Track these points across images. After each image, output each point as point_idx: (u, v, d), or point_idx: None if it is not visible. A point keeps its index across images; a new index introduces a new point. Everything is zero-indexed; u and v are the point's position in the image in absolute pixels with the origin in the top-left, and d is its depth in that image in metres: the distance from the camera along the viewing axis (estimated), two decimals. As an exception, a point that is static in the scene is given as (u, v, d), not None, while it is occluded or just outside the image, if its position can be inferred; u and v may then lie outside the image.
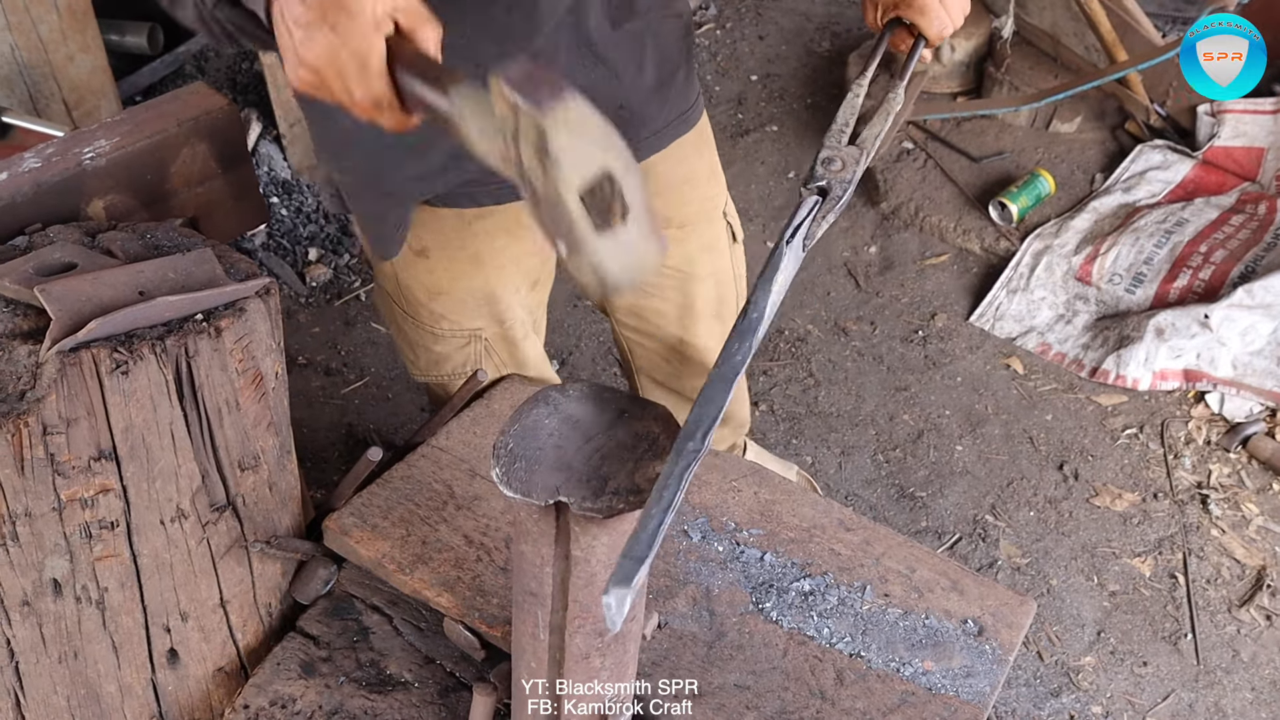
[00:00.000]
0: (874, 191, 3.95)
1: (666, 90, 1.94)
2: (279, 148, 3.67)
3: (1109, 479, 3.07)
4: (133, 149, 1.74)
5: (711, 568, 1.71)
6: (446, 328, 2.02)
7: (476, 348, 2.06)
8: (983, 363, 3.41)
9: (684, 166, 2.04)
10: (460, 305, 1.99)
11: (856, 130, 1.51)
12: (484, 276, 1.96)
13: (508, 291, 2.01)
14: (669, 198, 2.04)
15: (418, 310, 2.01)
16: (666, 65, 1.91)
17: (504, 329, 2.06)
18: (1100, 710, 2.58)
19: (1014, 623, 1.71)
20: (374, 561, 1.68)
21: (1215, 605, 2.79)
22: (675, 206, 2.06)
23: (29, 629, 1.52)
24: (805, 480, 2.86)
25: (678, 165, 2.02)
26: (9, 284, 1.44)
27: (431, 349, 2.07)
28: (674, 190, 2.04)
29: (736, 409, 2.55)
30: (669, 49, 1.91)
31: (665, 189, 2.03)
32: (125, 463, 1.44)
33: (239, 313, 1.47)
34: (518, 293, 2.04)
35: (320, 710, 1.62)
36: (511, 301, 2.03)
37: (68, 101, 3.33)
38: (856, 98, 1.57)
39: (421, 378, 2.16)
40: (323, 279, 3.56)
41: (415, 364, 2.14)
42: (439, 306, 2.00)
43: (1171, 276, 3.45)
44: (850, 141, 1.49)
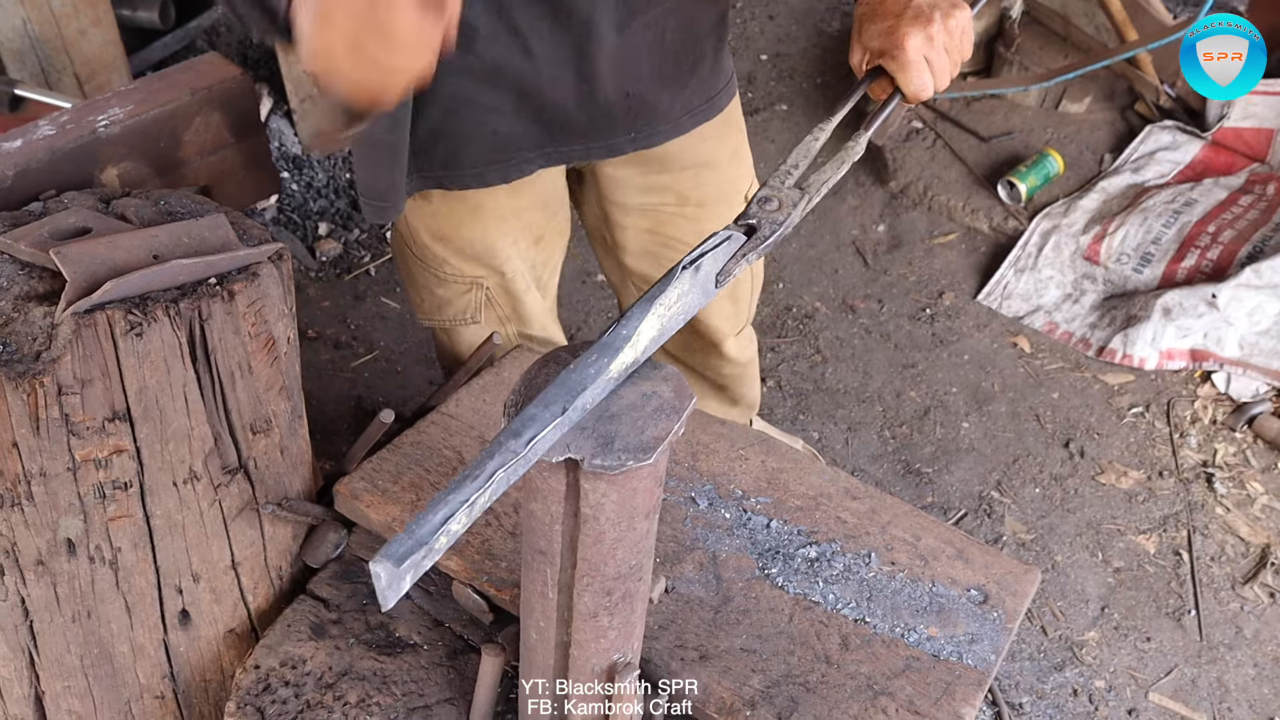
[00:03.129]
0: (883, 170, 3.95)
1: (685, 78, 1.92)
2: (289, 122, 3.68)
3: (1115, 457, 3.08)
4: (146, 117, 1.75)
5: (718, 534, 1.73)
6: (449, 272, 2.04)
7: (478, 295, 2.08)
8: (990, 341, 3.42)
9: (704, 150, 2.03)
10: (460, 252, 2.01)
11: (807, 173, 1.43)
12: (482, 226, 1.97)
13: (506, 243, 2.02)
14: (684, 178, 2.04)
15: (424, 252, 2.04)
16: (687, 55, 1.90)
17: (505, 280, 2.07)
18: (1103, 684, 2.59)
19: (1019, 591, 1.72)
20: (384, 525, 1.69)
21: (1219, 582, 2.80)
22: (691, 187, 2.06)
23: (43, 588, 1.53)
24: (811, 455, 2.88)
25: (697, 147, 2.02)
26: (24, 247, 1.45)
27: (435, 292, 2.09)
28: (689, 171, 2.04)
29: (746, 391, 2.57)
30: (693, 37, 1.89)
31: (680, 170, 2.03)
32: (139, 424, 1.46)
33: (252, 277, 1.48)
34: (516, 244, 2.04)
35: (330, 671, 1.64)
36: (511, 254, 2.04)
37: (79, 75, 3.34)
38: (815, 140, 1.48)
39: (426, 321, 2.19)
40: (333, 253, 3.57)
41: (421, 307, 2.17)
42: (441, 251, 2.02)
43: (1179, 256, 3.45)
44: (797, 184, 1.40)
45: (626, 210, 2.08)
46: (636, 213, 2.08)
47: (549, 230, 2.10)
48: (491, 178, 1.89)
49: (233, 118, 1.85)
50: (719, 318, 2.30)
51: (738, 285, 2.26)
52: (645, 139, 1.93)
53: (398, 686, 1.63)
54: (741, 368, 2.47)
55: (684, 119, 1.96)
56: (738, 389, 2.53)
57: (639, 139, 1.92)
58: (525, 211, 2.00)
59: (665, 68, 1.87)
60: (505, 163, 1.88)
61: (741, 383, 2.52)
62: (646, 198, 2.05)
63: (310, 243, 3.59)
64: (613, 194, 2.06)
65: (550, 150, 1.89)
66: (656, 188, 2.04)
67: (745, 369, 2.49)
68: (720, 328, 2.32)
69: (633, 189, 2.04)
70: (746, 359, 2.47)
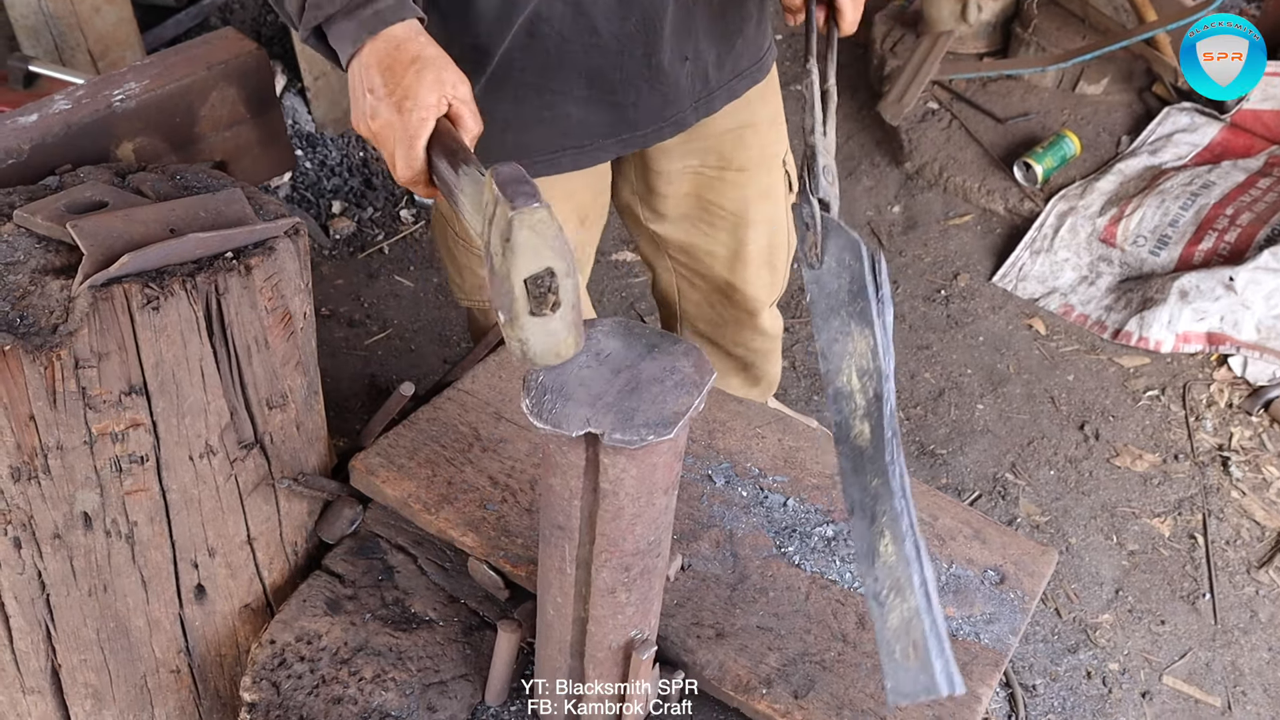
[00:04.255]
0: (898, 151, 3.93)
1: (733, 38, 1.93)
2: (304, 100, 3.67)
3: (1130, 440, 3.07)
4: (162, 92, 1.74)
5: (735, 512, 1.72)
6: None
7: None
8: (1005, 323, 3.40)
9: (746, 112, 2.04)
10: None
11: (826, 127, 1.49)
12: None
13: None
14: (727, 141, 2.06)
15: (468, 231, 2.03)
16: (734, 12, 1.91)
17: None
18: (1117, 667, 2.59)
19: (1035, 572, 1.71)
20: (400, 501, 1.69)
21: (1234, 566, 2.79)
22: (733, 150, 2.07)
23: (60, 561, 1.54)
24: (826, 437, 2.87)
25: (740, 111, 2.03)
26: (41, 221, 1.45)
27: (477, 272, 2.09)
28: (732, 134, 2.05)
29: (769, 368, 2.57)
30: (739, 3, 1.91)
31: (724, 132, 2.04)
32: (155, 398, 1.46)
33: (268, 251, 1.48)
34: (565, 225, 2.03)
35: (345, 646, 1.64)
36: None
37: (93, 52, 3.34)
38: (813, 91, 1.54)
39: (465, 301, 2.19)
40: (346, 232, 3.57)
41: (461, 287, 2.16)
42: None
43: (1197, 239, 3.43)
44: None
45: (669, 178, 2.10)
46: (679, 178, 2.10)
47: (593, 211, 2.11)
48: (565, 164, 1.90)
49: (248, 93, 1.84)
50: (757, 286, 2.30)
51: (775, 253, 2.28)
52: (705, 106, 1.95)
53: (413, 662, 1.63)
54: (772, 341, 2.49)
55: (735, 82, 1.98)
56: (763, 366, 2.54)
57: (700, 108, 1.94)
58: (577, 193, 2.01)
59: (715, 27, 1.89)
60: (578, 149, 1.89)
61: (768, 360, 2.54)
62: (688, 161, 2.07)
63: (324, 221, 3.58)
64: (656, 163, 2.08)
65: (626, 137, 1.91)
66: (699, 150, 2.05)
67: (774, 343, 2.51)
68: (758, 297, 2.33)
69: (676, 154, 2.06)
70: (777, 331, 2.49)
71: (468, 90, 1.42)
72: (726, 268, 2.25)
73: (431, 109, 1.37)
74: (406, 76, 1.38)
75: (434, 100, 1.37)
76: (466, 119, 1.41)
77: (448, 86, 1.39)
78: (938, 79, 4.02)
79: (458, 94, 1.40)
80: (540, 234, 1.16)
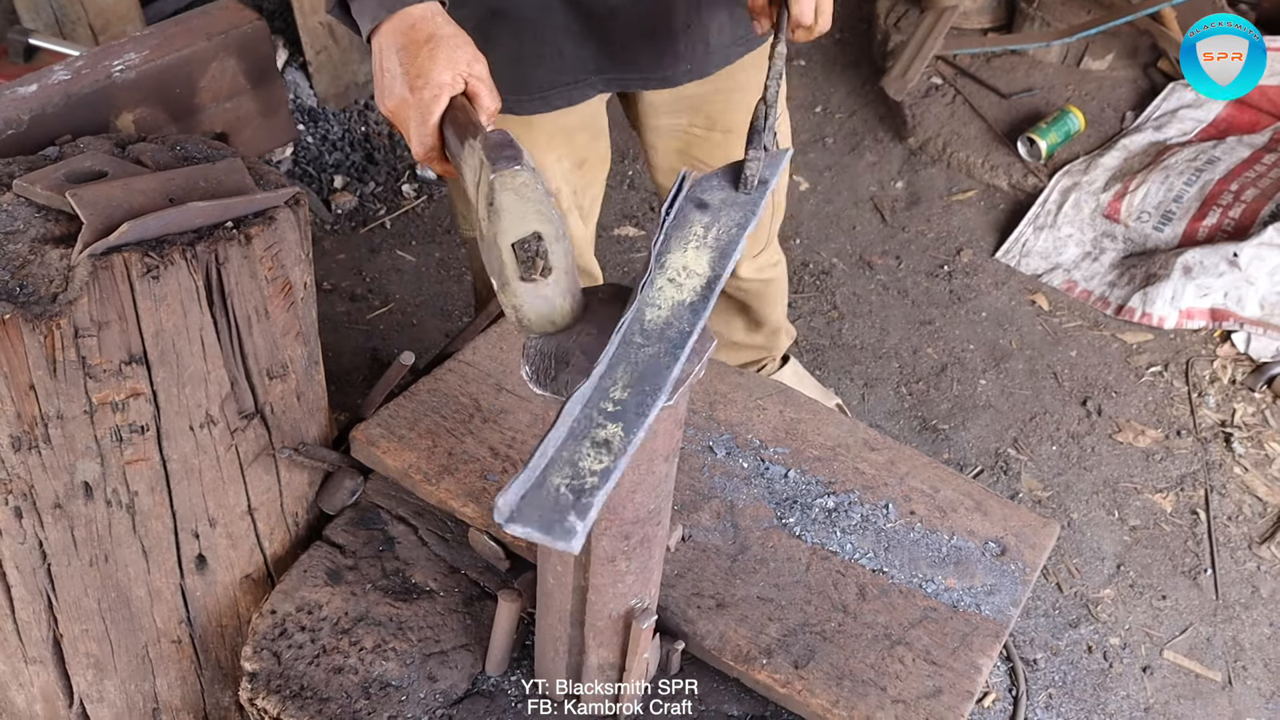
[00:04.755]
0: (902, 127, 3.92)
1: (734, 9, 1.96)
2: (305, 75, 3.65)
3: (1132, 415, 3.07)
4: (162, 63, 1.73)
5: (736, 483, 1.72)
6: None
7: None
8: (1008, 298, 3.39)
9: (740, 77, 2.07)
10: None
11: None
12: (532, 141, 2.01)
13: (552, 159, 2.07)
14: (716, 102, 2.09)
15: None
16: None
17: None
18: (1118, 642, 2.59)
19: (1037, 544, 1.71)
20: (400, 472, 1.69)
21: (1236, 542, 2.79)
22: (721, 112, 2.11)
23: (60, 531, 1.54)
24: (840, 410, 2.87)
25: (732, 75, 2.06)
26: (41, 190, 1.44)
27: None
28: (723, 95, 2.08)
29: (770, 311, 2.62)
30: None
31: (715, 94, 2.07)
32: (155, 367, 1.45)
33: (269, 221, 1.47)
34: (561, 163, 2.10)
35: (346, 616, 1.64)
36: (554, 171, 2.09)
37: (93, 26, 3.32)
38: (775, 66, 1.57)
39: (469, 232, 2.25)
40: (348, 206, 3.56)
41: (466, 217, 2.22)
42: None
43: (1201, 214, 3.42)
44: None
45: (659, 133, 2.16)
46: (668, 135, 2.16)
47: (591, 155, 2.16)
48: (557, 101, 1.96)
49: (249, 64, 1.84)
50: None
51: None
52: (699, 69, 1.99)
53: (413, 632, 1.63)
54: (761, 284, 2.53)
55: (732, 48, 2.01)
56: (761, 309, 2.59)
57: (694, 70, 1.99)
58: (574, 132, 2.07)
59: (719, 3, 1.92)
60: (569, 86, 1.95)
61: (764, 301, 2.58)
62: (677, 119, 2.13)
63: (325, 196, 3.57)
64: (647, 118, 2.14)
65: (611, 76, 1.97)
66: (687, 109, 2.10)
67: (766, 286, 2.55)
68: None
69: (665, 112, 2.11)
70: (766, 277, 2.53)
71: (483, 67, 1.43)
72: None
73: (445, 87, 1.39)
74: (420, 56, 1.40)
75: (447, 79, 1.39)
76: (483, 96, 1.43)
77: (462, 65, 1.41)
78: (941, 54, 4.00)
79: (473, 71, 1.42)
80: (524, 196, 1.16)
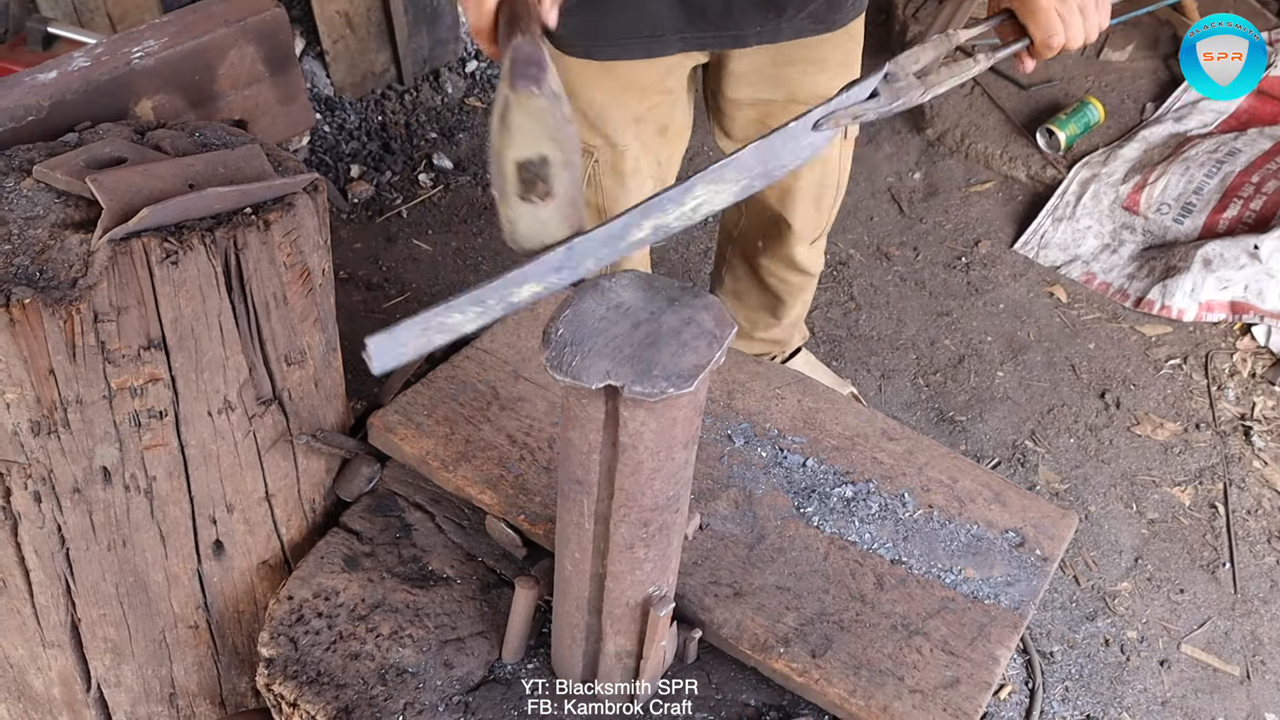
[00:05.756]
0: (919, 117, 3.90)
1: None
2: (322, 64, 3.65)
3: (1151, 408, 3.05)
4: (181, 49, 1.73)
5: (754, 472, 1.72)
6: None
7: (587, 164, 2.12)
8: (1026, 290, 3.38)
9: (820, 49, 2.08)
10: (579, 111, 2.04)
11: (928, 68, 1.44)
12: (608, 89, 2.04)
13: (626, 115, 2.08)
14: (794, 74, 2.10)
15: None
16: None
17: (615, 154, 2.12)
18: (1135, 635, 2.58)
19: (1055, 535, 1.70)
20: (418, 459, 1.69)
21: (1255, 536, 2.78)
22: (799, 84, 2.12)
23: (79, 516, 1.54)
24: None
25: (812, 49, 2.07)
26: (61, 176, 1.45)
27: None
28: (794, 66, 2.09)
29: (794, 305, 2.63)
30: None
31: (787, 64, 2.09)
32: (174, 353, 1.46)
33: (287, 207, 1.47)
34: (644, 127, 2.12)
35: (363, 603, 1.64)
36: (627, 129, 2.10)
37: (111, 15, 3.33)
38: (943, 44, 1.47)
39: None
40: (365, 195, 3.56)
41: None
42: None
43: (1221, 207, 3.40)
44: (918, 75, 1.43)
45: (739, 104, 2.18)
46: (748, 106, 2.17)
47: (673, 122, 2.17)
48: (637, 50, 1.99)
49: (267, 51, 1.84)
50: (802, 221, 2.38)
51: (823, 192, 2.35)
52: (770, 34, 2.01)
53: (430, 619, 1.63)
54: (806, 279, 2.57)
55: (806, 23, 2.02)
56: (791, 301, 2.61)
57: (764, 33, 2.00)
58: (651, 91, 2.08)
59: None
60: (650, 38, 1.98)
61: (797, 296, 2.61)
62: (758, 91, 2.14)
63: (342, 185, 3.57)
64: (728, 90, 2.16)
65: (689, 35, 1.99)
66: (770, 80, 2.12)
67: (808, 282, 2.59)
68: (800, 232, 2.41)
69: (748, 84, 2.13)
70: (813, 270, 2.56)
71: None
72: (776, 199, 2.33)
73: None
74: None
75: None
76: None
77: None
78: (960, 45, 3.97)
79: None
80: (537, 120, 1.17)
